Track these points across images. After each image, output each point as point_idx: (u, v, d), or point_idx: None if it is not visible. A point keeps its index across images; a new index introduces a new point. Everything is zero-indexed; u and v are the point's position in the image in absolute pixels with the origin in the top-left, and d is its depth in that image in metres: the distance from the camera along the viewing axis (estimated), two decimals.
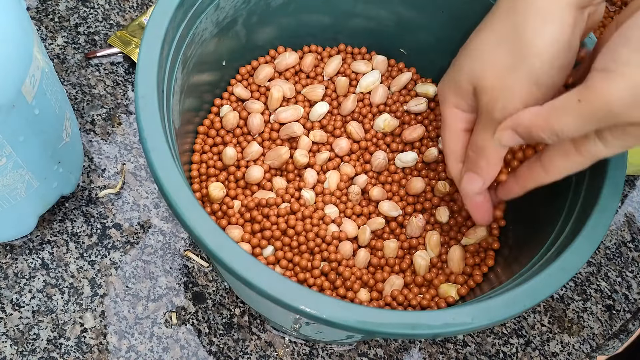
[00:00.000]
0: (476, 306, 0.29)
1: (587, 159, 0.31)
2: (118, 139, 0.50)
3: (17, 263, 0.44)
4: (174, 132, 0.35)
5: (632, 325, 0.52)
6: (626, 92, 0.26)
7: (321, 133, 0.45)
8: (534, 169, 0.34)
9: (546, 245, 0.36)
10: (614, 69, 0.26)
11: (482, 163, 0.35)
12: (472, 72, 0.34)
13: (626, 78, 0.26)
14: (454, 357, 0.47)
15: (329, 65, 0.47)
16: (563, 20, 0.31)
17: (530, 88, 0.31)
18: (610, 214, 0.33)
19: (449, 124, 0.37)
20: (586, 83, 0.27)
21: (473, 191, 0.36)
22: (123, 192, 0.48)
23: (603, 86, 0.26)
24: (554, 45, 0.31)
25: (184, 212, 0.29)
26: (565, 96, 0.28)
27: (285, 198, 0.42)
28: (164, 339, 0.43)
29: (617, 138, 0.29)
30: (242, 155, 0.44)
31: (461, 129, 0.37)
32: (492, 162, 0.34)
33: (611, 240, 0.56)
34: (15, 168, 0.36)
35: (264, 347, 0.45)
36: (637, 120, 0.27)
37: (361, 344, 0.46)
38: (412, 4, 0.45)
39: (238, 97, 0.46)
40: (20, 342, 0.42)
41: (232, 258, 0.28)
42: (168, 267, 0.46)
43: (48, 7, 0.55)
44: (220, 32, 0.41)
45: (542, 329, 0.50)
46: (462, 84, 0.35)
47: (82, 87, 0.52)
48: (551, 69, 0.31)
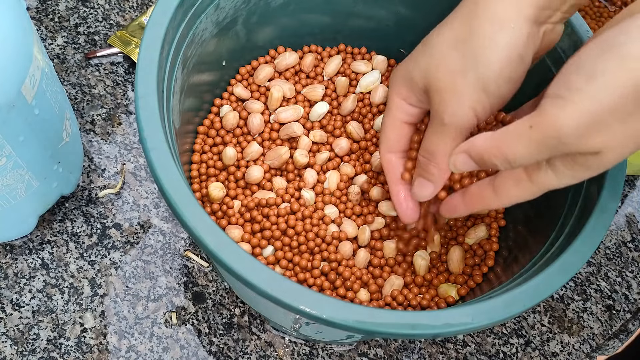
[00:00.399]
0: (476, 306, 0.29)
1: (539, 188, 0.30)
2: (118, 139, 0.50)
3: (17, 263, 0.44)
4: (174, 132, 0.35)
5: (632, 325, 0.52)
6: (575, 121, 0.25)
7: (321, 133, 0.45)
8: (484, 191, 0.33)
9: (546, 245, 0.36)
10: (566, 95, 0.26)
11: (432, 169, 0.34)
12: (427, 69, 0.33)
13: (576, 106, 0.25)
14: (454, 357, 0.47)
15: (329, 65, 0.47)
16: (517, 32, 0.30)
17: (479, 95, 0.31)
18: (610, 214, 0.33)
19: (392, 112, 0.37)
20: (538, 109, 0.27)
21: (424, 196, 0.36)
22: (123, 192, 0.48)
23: (553, 112, 0.26)
24: (506, 55, 0.30)
25: (184, 212, 0.29)
26: (518, 122, 0.28)
27: (285, 198, 0.42)
28: (164, 339, 0.43)
29: (568, 168, 0.28)
30: (242, 155, 0.44)
31: (403, 120, 0.37)
32: (442, 168, 0.34)
33: (611, 240, 0.56)
34: (15, 168, 0.36)
35: (264, 347, 0.45)
36: (586, 150, 0.26)
37: (361, 344, 0.46)
38: (412, 4, 0.45)
39: (238, 97, 0.46)
40: (20, 342, 0.42)
41: (232, 258, 0.28)
42: (168, 267, 0.46)
43: (48, 7, 0.55)
44: (220, 32, 0.41)
45: (542, 329, 0.50)
46: (415, 79, 0.34)
47: (82, 87, 0.52)
48: (499, 78, 0.31)
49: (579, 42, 0.38)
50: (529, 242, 0.39)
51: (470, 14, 0.32)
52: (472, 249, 0.42)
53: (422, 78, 0.34)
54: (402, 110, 0.36)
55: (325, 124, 0.46)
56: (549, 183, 0.29)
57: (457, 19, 0.33)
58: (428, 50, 0.34)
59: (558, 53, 0.39)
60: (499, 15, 0.31)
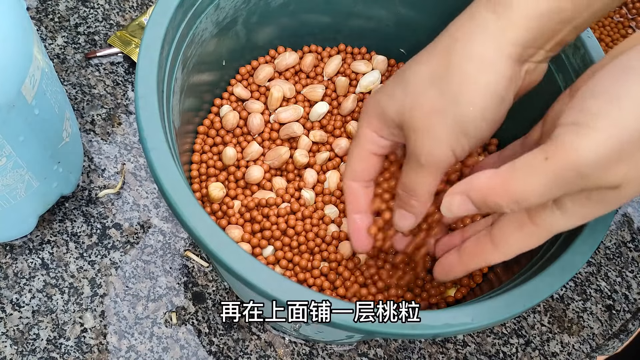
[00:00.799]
0: (476, 306, 0.29)
1: (545, 232, 0.27)
2: (118, 139, 0.50)
3: (17, 263, 0.44)
4: (174, 132, 0.35)
5: (632, 325, 0.52)
6: (598, 149, 0.23)
7: (321, 133, 0.45)
8: (482, 244, 0.30)
9: (546, 245, 0.36)
10: (585, 122, 0.23)
11: (413, 202, 0.33)
12: (403, 106, 0.31)
13: (599, 133, 0.23)
14: (454, 357, 0.47)
15: (329, 65, 0.47)
16: (500, 73, 0.29)
17: (458, 137, 0.29)
18: (610, 214, 0.33)
19: (361, 144, 0.35)
20: (553, 140, 0.24)
21: (406, 227, 0.34)
22: (123, 192, 0.48)
23: (572, 141, 0.23)
24: (487, 96, 0.29)
25: (184, 212, 0.29)
26: (528, 155, 0.25)
27: (285, 198, 0.42)
28: (164, 339, 0.43)
29: (580, 206, 0.25)
30: (242, 155, 0.44)
31: (371, 151, 0.35)
32: (422, 200, 0.32)
33: (611, 240, 0.56)
34: (15, 168, 0.36)
35: (264, 347, 0.45)
36: (606, 183, 0.24)
37: (361, 344, 0.46)
38: (412, 4, 0.45)
39: (238, 97, 0.46)
40: (20, 342, 0.42)
41: (232, 258, 0.28)
42: (168, 267, 0.46)
43: (48, 7, 0.55)
44: (220, 32, 0.41)
45: (542, 329, 0.50)
46: (389, 114, 0.32)
47: (82, 87, 0.52)
48: (481, 121, 0.29)
49: (579, 42, 0.38)
50: None
51: (448, 50, 0.30)
52: None
53: (397, 114, 0.32)
54: (373, 142, 0.34)
55: (325, 124, 0.46)
56: (556, 225, 0.27)
57: (435, 54, 0.31)
58: (404, 85, 0.32)
59: (560, 57, 0.39)
60: (480, 54, 0.29)
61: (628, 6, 0.64)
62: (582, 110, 0.24)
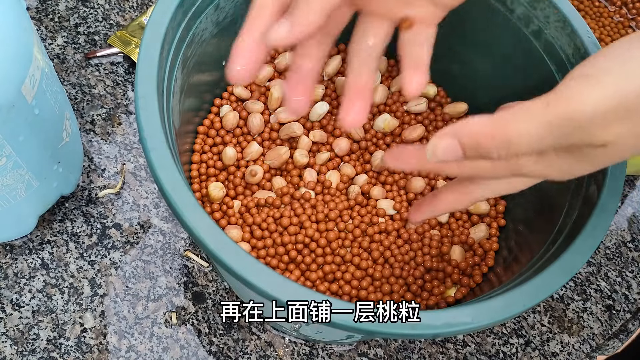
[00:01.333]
0: (476, 306, 0.29)
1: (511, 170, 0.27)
2: (118, 139, 0.50)
3: (17, 263, 0.44)
4: (174, 132, 0.35)
5: (632, 325, 0.52)
6: (601, 102, 0.23)
7: (321, 133, 0.45)
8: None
9: (546, 245, 0.36)
10: (596, 74, 0.23)
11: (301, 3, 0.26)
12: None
13: (606, 86, 0.23)
14: (454, 357, 0.47)
15: (329, 65, 0.47)
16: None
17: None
18: (610, 214, 0.33)
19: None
20: (559, 89, 0.24)
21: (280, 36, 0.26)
22: (123, 192, 0.48)
23: (579, 91, 0.23)
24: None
25: (184, 212, 0.29)
26: (529, 102, 0.24)
27: (285, 198, 0.42)
28: (164, 339, 0.43)
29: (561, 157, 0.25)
30: (242, 155, 0.44)
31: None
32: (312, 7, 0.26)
33: (611, 240, 0.56)
34: (15, 168, 0.36)
35: (264, 347, 0.45)
36: (598, 140, 0.24)
37: (361, 344, 0.46)
38: None
39: (238, 97, 0.46)
40: (20, 342, 0.42)
41: (232, 258, 0.28)
42: (168, 267, 0.46)
43: (48, 7, 0.55)
44: (220, 32, 0.41)
45: (542, 329, 0.50)
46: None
47: (82, 87, 0.52)
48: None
49: (579, 42, 0.38)
50: (529, 242, 0.39)
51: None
52: (472, 248, 0.42)
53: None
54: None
55: (325, 124, 0.46)
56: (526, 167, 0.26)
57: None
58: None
59: (558, 53, 0.39)
60: None
61: (628, 6, 0.64)
62: (593, 65, 0.24)
